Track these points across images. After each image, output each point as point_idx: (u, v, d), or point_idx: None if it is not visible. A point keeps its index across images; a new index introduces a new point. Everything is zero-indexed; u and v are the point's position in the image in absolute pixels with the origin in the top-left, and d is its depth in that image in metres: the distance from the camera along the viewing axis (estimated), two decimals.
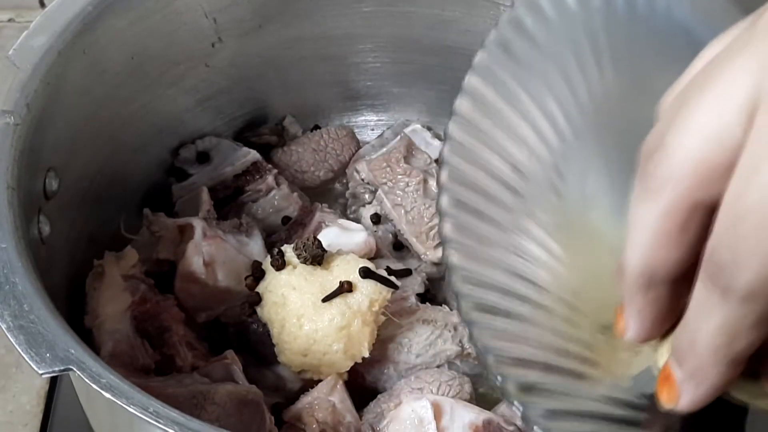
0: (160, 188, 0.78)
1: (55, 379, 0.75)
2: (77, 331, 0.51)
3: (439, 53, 0.82)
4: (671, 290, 0.36)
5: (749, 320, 0.32)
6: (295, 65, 0.83)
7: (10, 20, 1.06)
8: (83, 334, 0.59)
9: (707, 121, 0.32)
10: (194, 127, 0.80)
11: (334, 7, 0.80)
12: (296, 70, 0.83)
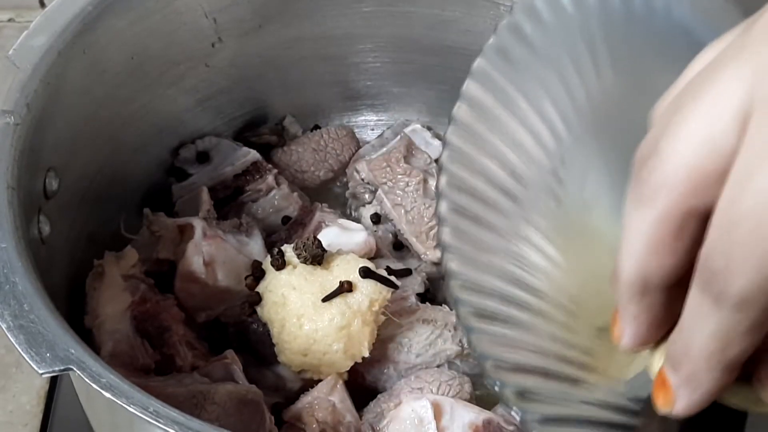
0: (160, 188, 0.78)
1: (55, 379, 0.75)
2: (77, 330, 0.51)
3: (439, 53, 0.82)
4: (666, 297, 0.36)
5: (743, 326, 0.32)
6: (295, 65, 0.83)
7: (10, 20, 1.06)
8: (83, 333, 0.59)
9: (701, 127, 0.32)
10: (194, 127, 0.80)
11: (334, 7, 0.80)
12: (296, 70, 0.83)
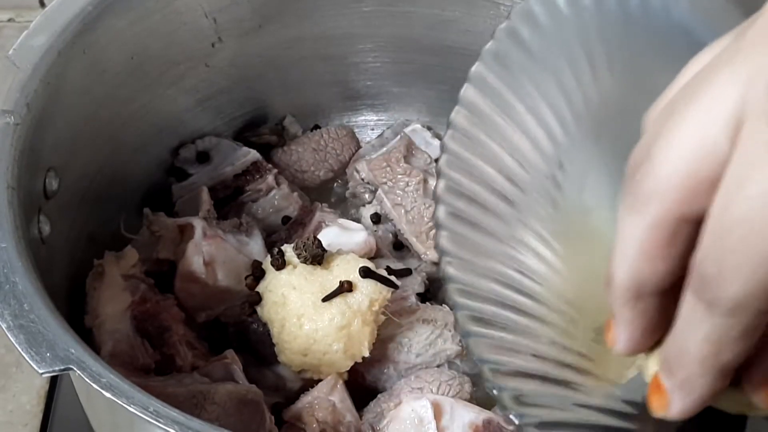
0: (160, 188, 0.78)
1: (55, 378, 0.75)
2: (77, 330, 0.51)
3: (439, 53, 0.82)
4: (660, 302, 0.36)
5: (735, 332, 0.32)
6: (295, 65, 0.83)
7: (10, 20, 1.06)
8: (83, 333, 0.59)
9: (694, 134, 0.32)
10: (194, 126, 0.80)
11: (333, 7, 0.80)
12: (296, 70, 0.83)
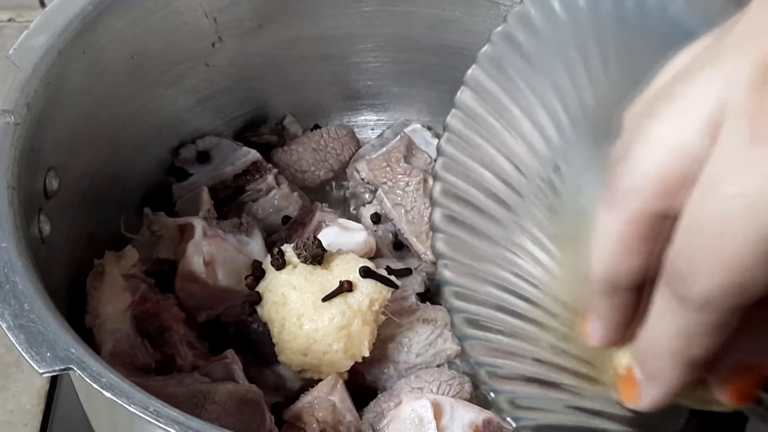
0: (160, 188, 0.78)
1: (55, 378, 0.75)
2: (77, 330, 0.51)
3: (439, 53, 0.82)
4: (635, 297, 0.36)
5: (705, 327, 0.33)
6: (295, 65, 0.83)
7: (10, 20, 1.06)
8: (83, 333, 0.59)
9: (671, 133, 0.33)
10: (194, 126, 0.80)
11: (334, 6, 0.80)
12: (296, 69, 0.83)
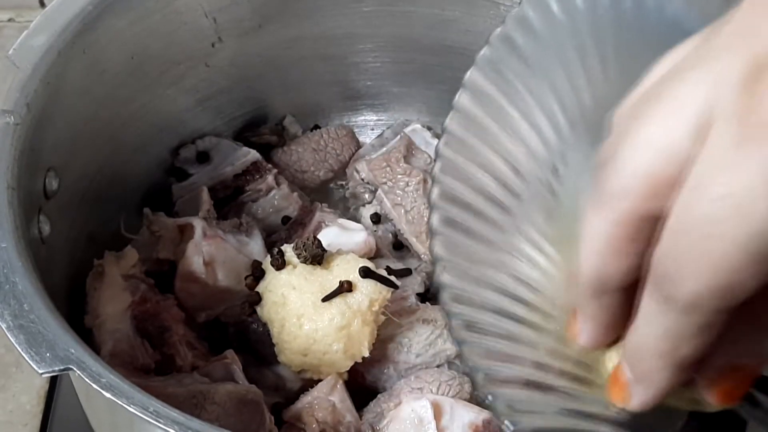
0: (160, 188, 0.78)
1: (55, 378, 0.75)
2: (77, 330, 0.51)
3: (439, 53, 0.82)
4: (623, 297, 0.36)
5: (692, 329, 0.33)
6: (295, 65, 0.83)
7: (10, 20, 1.06)
8: (83, 333, 0.59)
9: (659, 134, 0.33)
10: (194, 126, 0.80)
11: (334, 6, 0.80)
12: (296, 70, 0.83)
